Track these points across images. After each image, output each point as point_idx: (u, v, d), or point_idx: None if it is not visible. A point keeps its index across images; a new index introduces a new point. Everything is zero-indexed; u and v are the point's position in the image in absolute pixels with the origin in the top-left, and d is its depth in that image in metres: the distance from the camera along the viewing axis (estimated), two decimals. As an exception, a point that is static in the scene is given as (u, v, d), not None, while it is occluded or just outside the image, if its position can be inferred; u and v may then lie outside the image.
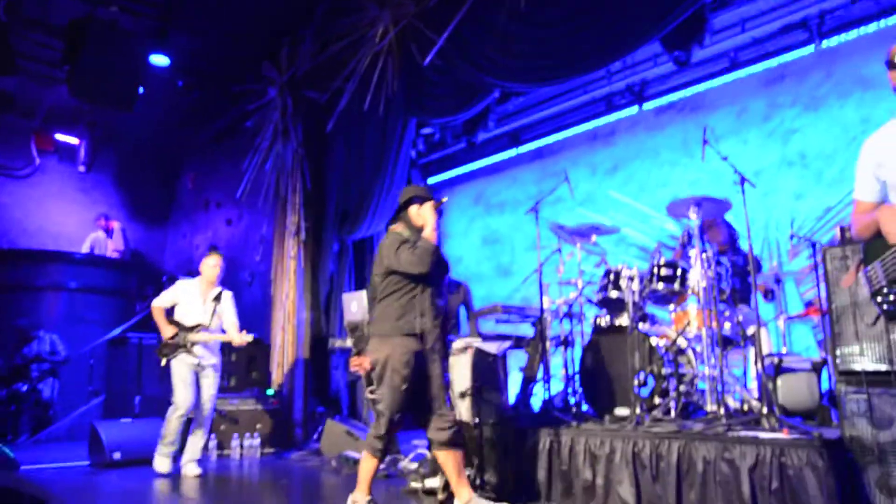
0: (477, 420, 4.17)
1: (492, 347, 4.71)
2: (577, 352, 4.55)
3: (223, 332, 5.26)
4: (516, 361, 5.13)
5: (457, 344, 4.96)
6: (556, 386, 4.71)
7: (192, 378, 5.08)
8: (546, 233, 4.97)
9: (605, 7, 4.62)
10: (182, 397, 5.02)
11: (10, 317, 7.88)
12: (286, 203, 6.76)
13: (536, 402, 4.84)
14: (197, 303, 5.22)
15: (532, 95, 6.45)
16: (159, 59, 7.03)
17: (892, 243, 2.33)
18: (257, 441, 5.99)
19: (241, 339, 5.16)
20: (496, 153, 7.35)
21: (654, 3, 4.37)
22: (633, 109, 6.23)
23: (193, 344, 5.09)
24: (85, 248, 8.99)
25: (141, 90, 6.18)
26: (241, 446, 5.96)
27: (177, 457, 5.16)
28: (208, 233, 8.69)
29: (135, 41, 6.13)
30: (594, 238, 4.78)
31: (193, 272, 6.78)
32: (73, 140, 8.53)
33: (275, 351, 6.56)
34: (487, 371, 4.69)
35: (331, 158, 6.72)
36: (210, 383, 5.18)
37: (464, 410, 4.69)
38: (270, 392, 6.33)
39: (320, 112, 6.62)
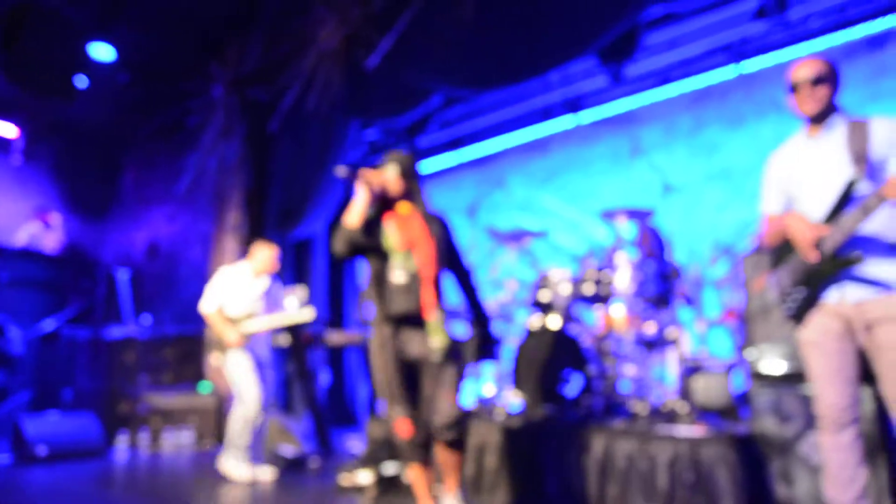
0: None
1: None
2: (507, 353, 4.56)
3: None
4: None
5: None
6: (486, 385, 4.72)
7: (256, 373, 4.59)
8: (482, 237, 5.00)
9: (547, 20, 4.69)
10: (249, 395, 4.49)
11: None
12: (228, 201, 6.61)
13: (469, 401, 4.81)
14: (248, 293, 4.73)
15: (473, 103, 6.48)
16: (104, 52, 6.79)
17: (797, 247, 2.42)
18: (191, 436, 5.82)
19: (299, 316, 4.75)
20: (437, 159, 7.34)
21: (592, 18, 4.45)
22: (569, 122, 6.32)
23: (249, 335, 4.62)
24: (20, 241, 8.58)
25: (84, 83, 5.98)
26: (174, 441, 5.78)
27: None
28: (148, 229, 8.44)
29: (77, 32, 5.90)
30: (527, 241, 4.81)
31: (132, 267, 6.59)
32: (10, 130, 8.14)
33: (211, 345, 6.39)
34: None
35: (274, 158, 6.61)
36: (271, 378, 4.76)
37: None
38: (204, 387, 6.16)
39: (265, 111, 6.52)
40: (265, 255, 4.79)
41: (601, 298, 4.20)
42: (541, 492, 3.54)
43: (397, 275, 3.01)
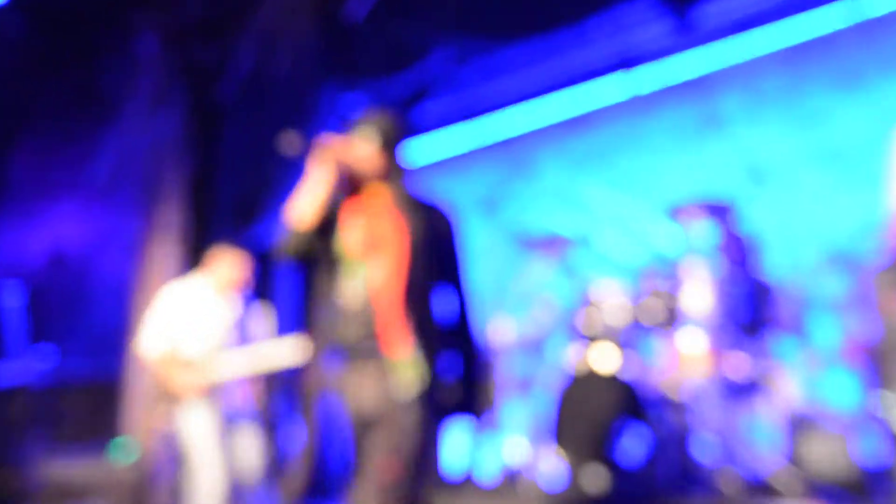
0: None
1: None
2: (538, 398, 4.51)
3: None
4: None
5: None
6: (511, 444, 4.62)
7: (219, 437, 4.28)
8: (503, 242, 4.88)
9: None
10: (214, 464, 4.22)
11: None
12: (162, 193, 6.48)
13: (487, 467, 4.72)
14: (211, 318, 4.40)
15: (489, 64, 6.43)
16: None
17: None
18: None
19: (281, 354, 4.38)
20: (442, 138, 7.25)
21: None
22: (620, 86, 6.24)
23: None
24: None
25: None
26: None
27: None
28: (50, 229, 8.34)
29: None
30: (566, 249, 4.75)
31: (26, 281, 6.44)
32: None
33: (135, 392, 6.19)
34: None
35: (226, 136, 6.56)
36: (250, 443, 4.48)
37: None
38: (121, 450, 5.93)
39: (212, 77, 6.46)
40: (231, 264, 4.44)
41: (669, 326, 4.16)
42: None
43: (348, 290, 2.68)
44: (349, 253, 2.70)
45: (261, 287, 6.51)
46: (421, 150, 7.39)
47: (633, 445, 3.96)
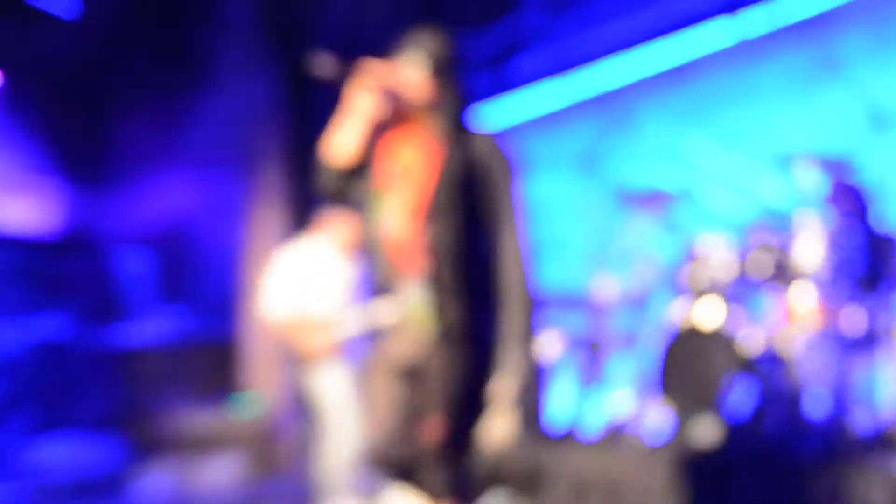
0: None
1: (538, 349, 4.64)
2: (643, 353, 4.54)
3: None
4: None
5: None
6: (617, 398, 4.67)
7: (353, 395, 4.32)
8: (604, 199, 4.89)
9: None
10: (346, 418, 4.28)
11: None
12: (263, 157, 6.65)
13: (595, 418, 4.78)
14: (334, 279, 4.48)
15: (584, 12, 6.41)
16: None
17: None
18: (229, 465, 5.94)
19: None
20: (535, 93, 7.18)
21: None
22: (725, 31, 6.10)
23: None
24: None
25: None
26: (212, 474, 5.90)
27: None
28: (165, 197, 8.59)
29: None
30: (669, 204, 4.73)
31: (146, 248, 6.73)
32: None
33: (250, 352, 6.47)
34: (532, 377, 4.63)
35: (320, 95, 6.58)
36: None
37: (504, 427, 4.61)
38: (246, 404, 6.25)
39: (306, 36, 6.50)
40: (347, 225, 4.39)
41: (779, 280, 4.10)
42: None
43: (375, 228, 2.48)
44: (379, 187, 2.48)
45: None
46: (516, 106, 7.41)
47: (742, 400, 3.93)
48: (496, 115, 7.48)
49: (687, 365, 4.12)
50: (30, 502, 5.48)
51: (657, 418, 4.21)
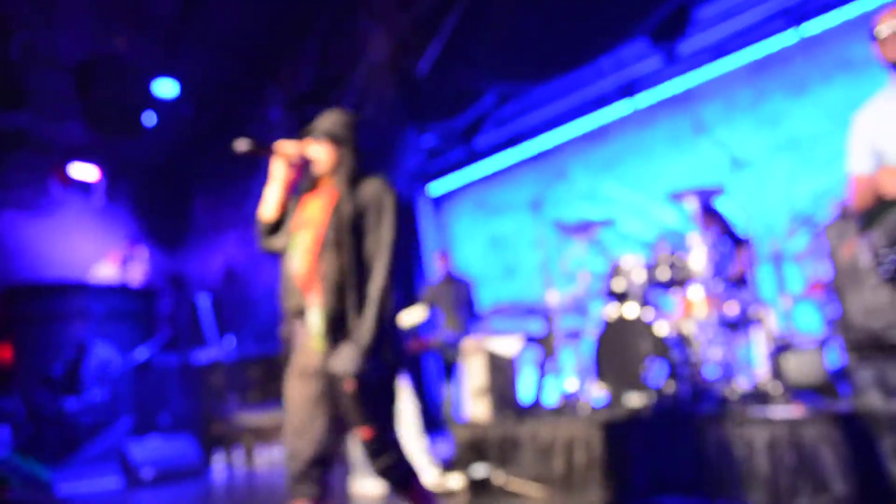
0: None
1: (506, 346, 4.65)
2: (586, 345, 4.48)
3: None
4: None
5: (469, 343, 4.90)
6: (568, 380, 4.63)
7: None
8: (549, 231, 4.92)
9: (593, 4, 4.61)
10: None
11: (41, 347, 7.87)
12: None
13: (551, 397, 4.77)
14: None
15: (527, 99, 6.43)
16: (168, 89, 7.04)
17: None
18: (282, 453, 5.92)
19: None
20: (495, 158, 7.28)
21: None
22: (625, 107, 6.17)
23: None
24: (107, 275, 8.95)
25: (153, 120, 6.18)
26: (267, 458, 5.89)
27: None
28: (223, 253, 8.68)
29: (143, 72, 6.14)
30: (596, 231, 4.69)
31: (211, 291, 6.73)
32: (90, 173, 8.52)
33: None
34: (501, 368, 4.64)
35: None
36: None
37: (480, 409, 4.64)
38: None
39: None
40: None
41: (677, 282, 4.09)
42: (631, 485, 3.44)
43: (290, 262, 2.34)
44: (292, 234, 2.37)
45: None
46: (479, 168, 7.53)
47: (658, 373, 3.90)
48: (466, 176, 7.62)
49: (616, 351, 4.10)
50: (129, 489, 5.47)
51: (597, 393, 4.17)
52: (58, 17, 5.50)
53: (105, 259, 8.93)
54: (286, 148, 2.39)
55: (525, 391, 4.83)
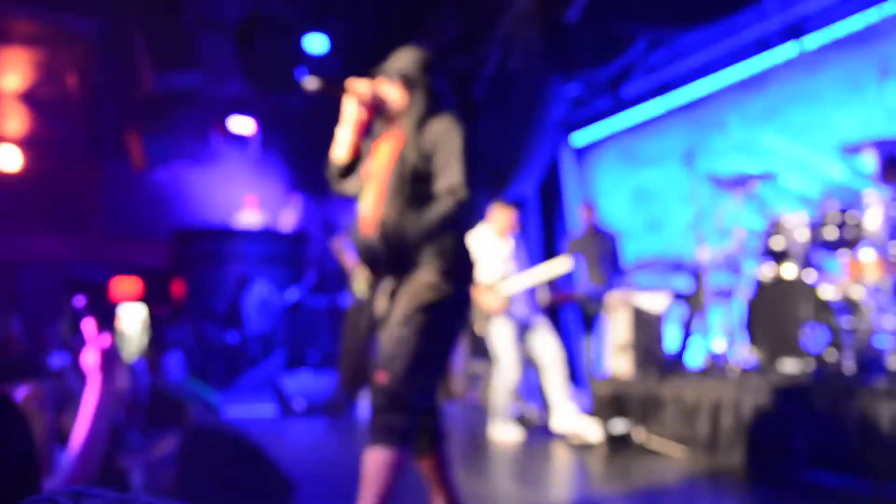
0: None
1: (652, 302, 4.57)
2: (737, 306, 4.29)
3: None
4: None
5: (614, 297, 4.85)
6: (716, 340, 4.46)
7: (516, 339, 4.48)
8: (701, 184, 4.71)
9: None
10: (510, 362, 4.43)
11: (206, 284, 8.67)
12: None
13: (696, 357, 4.64)
14: (496, 256, 4.64)
15: (679, 44, 6.07)
16: (318, 44, 7.31)
17: None
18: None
19: (555, 268, 4.54)
20: (644, 107, 6.96)
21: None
22: (791, 50, 5.64)
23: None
24: (251, 221, 9.59)
25: (304, 75, 6.47)
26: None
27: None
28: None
29: (294, 29, 6.41)
30: (753, 186, 4.43)
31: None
32: (247, 126, 9.10)
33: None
34: (647, 324, 4.56)
35: (481, 123, 6.67)
36: (545, 335, 4.53)
37: (622, 365, 4.60)
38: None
39: (468, 79, 6.60)
40: (504, 215, 4.71)
41: (847, 243, 3.82)
42: (787, 449, 3.31)
43: (360, 208, 2.29)
44: (364, 180, 2.33)
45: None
46: (626, 118, 7.26)
47: (818, 340, 3.68)
48: (612, 125, 7.38)
49: (772, 313, 3.91)
50: (282, 418, 5.94)
51: (748, 356, 3.99)
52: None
53: (248, 206, 9.58)
54: (358, 87, 2.30)
55: (670, 349, 4.72)
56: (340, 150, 2.36)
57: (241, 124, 8.68)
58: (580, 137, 7.69)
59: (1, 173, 9.25)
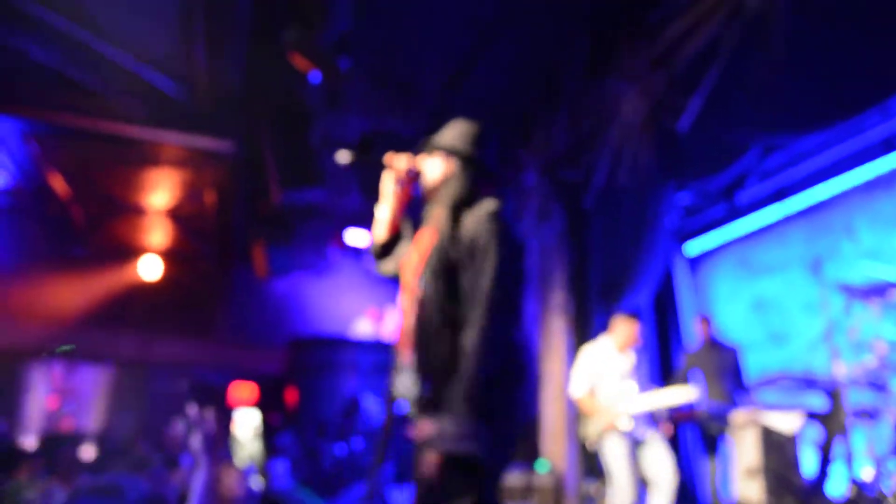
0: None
1: (784, 422, 4.18)
2: (884, 428, 3.94)
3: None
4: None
5: (739, 416, 4.48)
6: (861, 468, 4.03)
7: (631, 457, 4.22)
8: (832, 294, 4.39)
9: (875, 41, 4.09)
10: (625, 482, 4.12)
11: (318, 393, 8.79)
12: (550, 281, 6.75)
13: (837, 485, 4.16)
14: (616, 370, 4.43)
15: (795, 148, 5.87)
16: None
17: None
18: (533, 511, 5.85)
19: (679, 396, 4.29)
20: (760, 213, 6.69)
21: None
22: None
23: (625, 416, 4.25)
24: (365, 331, 9.74)
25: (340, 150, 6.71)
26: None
27: None
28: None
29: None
30: (892, 294, 4.13)
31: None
32: (363, 238, 9.46)
33: (545, 426, 6.43)
34: (779, 447, 4.15)
35: (591, 234, 6.61)
36: (658, 450, 4.24)
37: (752, 490, 4.17)
38: (542, 465, 6.18)
39: (578, 190, 6.60)
40: (626, 328, 4.47)
41: None
42: None
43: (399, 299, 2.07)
44: (401, 266, 2.14)
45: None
46: (742, 225, 6.96)
47: None
48: (727, 233, 7.11)
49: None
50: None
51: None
52: (346, 105, 6.28)
53: (363, 316, 9.77)
54: (396, 161, 2.16)
55: (809, 475, 4.29)
56: (379, 229, 2.22)
57: (358, 237, 9.04)
58: (694, 246, 7.45)
59: (144, 282, 10.07)
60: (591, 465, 6.00)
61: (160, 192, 8.74)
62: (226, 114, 6.38)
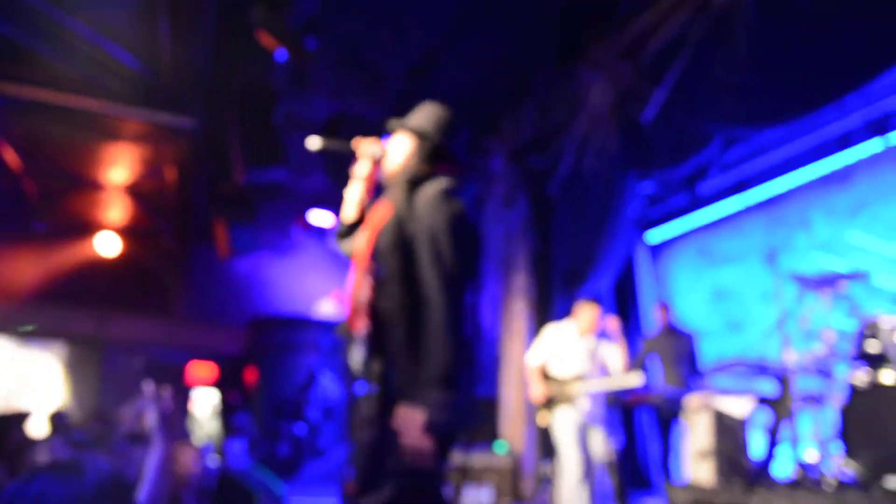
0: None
1: (736, 406, 4.31)
2: (828, 413, 4.03)
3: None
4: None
5: (693, 400, 4.61)
6: (806, 450, 4.14)
7: (579, 436, 4.35)
8: (786, 284, 4.52)
9: (839, 38, 4.20)
10: (572, 454, 4.26)
11: (279, 373, 8.76)
12: (514, 265, 6.82)
13: (783, 467, 4.29)
14: (575, 353, 4.56)
15: (756, 141, 6.00)
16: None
17: None
18: (490, 493, 5.95)
19: (626, 380, 4.38)
20: (721, 204, 6.85)
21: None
22: (876, 146, 5.48)
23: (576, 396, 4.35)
24: (327, 312, 9.71)
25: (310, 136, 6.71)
26: (475, 498, 5.95)
27: None
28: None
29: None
30: (842, 286, 4.21)
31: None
32: (326, 219, 9.39)
33: (504, 408, 6.53)
34: (730, 430, 4.29)
35: (556, 221, 6.70)
36: (600, 438, 4.39)
37: (703, 472, 4.31)
38: (500, 446, 6.28)
39: (544, 177, 6.67)
40: (588, 313, 4.60)
41: None
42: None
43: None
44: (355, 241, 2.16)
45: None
46: (703, 215, 7.12)
47: None
48: (688, 223, 7.26)
49: (871, 423, 3.64)
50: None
51: (843, 468, 3.70)
52: (311, 87, 6.22)
53: (327, 297, 9.73)
54: (364, 146, 2.21)
55: (757, 458, 4.40)
56: (346, 208, 2.25)
57: (321, 217, 8.97)
58: (655, 235, 7.59)
59: (101, 259, 9.85)
60: (549, 447, 6.12)
61: (119, 168, 8.54)
62: (189, 90, 6.26)
